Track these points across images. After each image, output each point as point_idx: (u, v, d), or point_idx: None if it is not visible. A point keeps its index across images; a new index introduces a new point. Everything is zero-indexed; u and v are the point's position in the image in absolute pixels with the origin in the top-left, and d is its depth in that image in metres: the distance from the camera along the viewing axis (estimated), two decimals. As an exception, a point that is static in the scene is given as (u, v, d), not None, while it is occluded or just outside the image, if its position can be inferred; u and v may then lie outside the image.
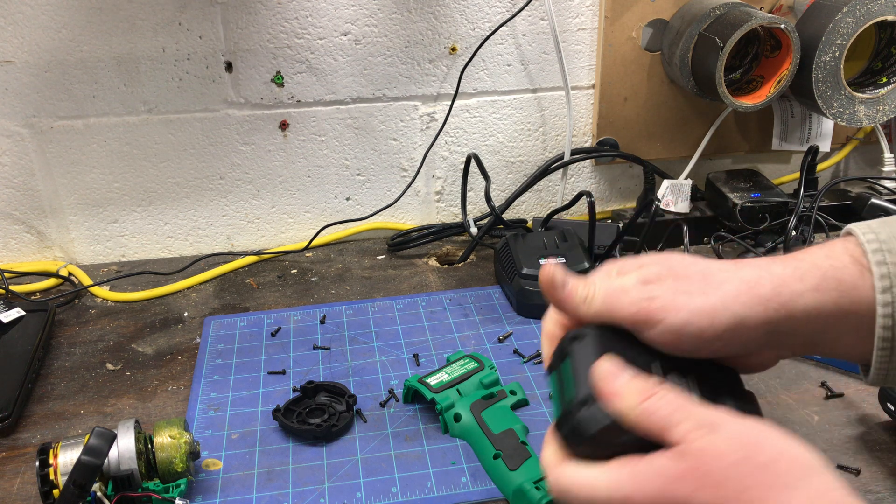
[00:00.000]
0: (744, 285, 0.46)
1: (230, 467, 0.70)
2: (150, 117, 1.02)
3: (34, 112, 0.99)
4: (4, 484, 0.70)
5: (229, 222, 1.11)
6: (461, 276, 1.03)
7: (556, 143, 1.14)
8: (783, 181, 1.20)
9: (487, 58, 1.06)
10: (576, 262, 0.93)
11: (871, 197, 1.07)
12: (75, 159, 1.03)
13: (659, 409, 0.42)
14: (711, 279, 0.47)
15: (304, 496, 0.67)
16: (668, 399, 0.42)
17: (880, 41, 1.04)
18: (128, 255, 1.10)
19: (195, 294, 1.01)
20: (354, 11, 1.01)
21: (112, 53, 0.98)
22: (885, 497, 0.65)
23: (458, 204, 1.15)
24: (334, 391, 0.78)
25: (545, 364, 0.50)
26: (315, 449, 0.72)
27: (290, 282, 1.03)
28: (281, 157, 1.08)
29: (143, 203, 1.07)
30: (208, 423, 0.76)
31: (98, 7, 0.95)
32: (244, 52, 1.00)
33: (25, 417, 0.78)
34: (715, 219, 1.10)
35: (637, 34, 1.06)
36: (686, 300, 0.45)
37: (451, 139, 1.11)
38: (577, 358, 0.45)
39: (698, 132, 1.14)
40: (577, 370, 0.44)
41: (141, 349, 0.89)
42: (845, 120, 1.03)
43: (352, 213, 1.13)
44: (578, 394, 0.43)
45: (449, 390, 0.75)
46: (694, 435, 0.41)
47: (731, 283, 0.46)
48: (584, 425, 0.42)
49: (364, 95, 1.06)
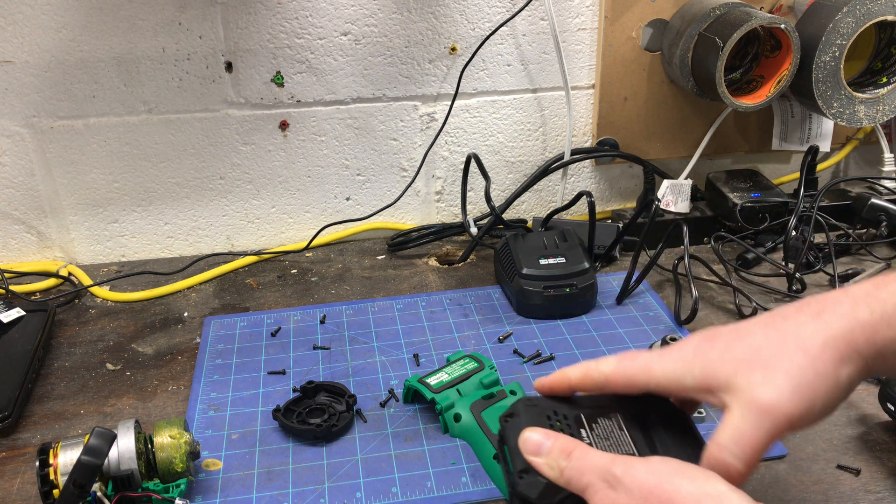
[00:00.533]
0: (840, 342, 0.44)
1: (230, 467, 0.70)
2: (150, 117, 1.02)
3: (34, 112, 0.99)
4: (4, 484, 0.70)
5: (229, 222, 1.11)
6: (461, 276, 1.03)
7: (556, 143, 1.14)
8: (783, 181, 1.20)
9: (487, 58, 1.06)
10: (576, 262, 0.93)
11: (871, 197, 1.07)
12: (75, 159, 1.03)
13: (574, 471, 0.46)
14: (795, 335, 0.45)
15: (304, 496, 0.67)
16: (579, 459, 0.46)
17: (880, 41, 1.04)
18: (128, 255, 1.10)
19: (195, 294, 1.01)
20: (354, 11, 1.01)
21: (112, 53, 0.98)
22: (885, 497, 0.65)
23: (458, 204, 1.15)
24: (334, 391, 0.77)
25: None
26: (315, 449, 0.72)
27: (290, 282, 1.03)
28: (281, 157, 1.08)
29: (143, 203, 1.07)
30: (208, 423, 0.76)
31: (98, 7, 0.95)
32: (244, 52, 1.00)
33: (25, 417, 0.78)
34: (715, 219, 1.10)
35: (637, 34, 1.06)
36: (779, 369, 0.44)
37: (451, 139, 1.11)
38: (510, 436, 0.51)
39: (698, 132, 1.14)
40: (512, 447, 0.51)
41: (141, 349, 0.89)
42: (845, 120, 1.03)
43: (352, 213, 1.13)
44: (516, 467, 0.49)
45: (449, 390, 0.75)
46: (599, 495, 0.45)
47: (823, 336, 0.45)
48: (526, 492, 0.48)
49: (364, 95, 1.06)
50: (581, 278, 0.92)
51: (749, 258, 1.01)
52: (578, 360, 0.83)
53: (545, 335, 0.88)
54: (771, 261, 1.00)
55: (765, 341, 0.46)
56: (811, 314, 0.46)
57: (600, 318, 0.91)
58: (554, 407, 0.53)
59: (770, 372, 0.44)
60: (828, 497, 0.65)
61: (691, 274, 0.92)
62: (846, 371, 0.44)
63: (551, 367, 0.83)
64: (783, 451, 0.70)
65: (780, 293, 0.95)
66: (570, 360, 0.84)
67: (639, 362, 0.51)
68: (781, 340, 0.45)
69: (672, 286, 0.97)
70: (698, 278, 0.98)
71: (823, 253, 1.01)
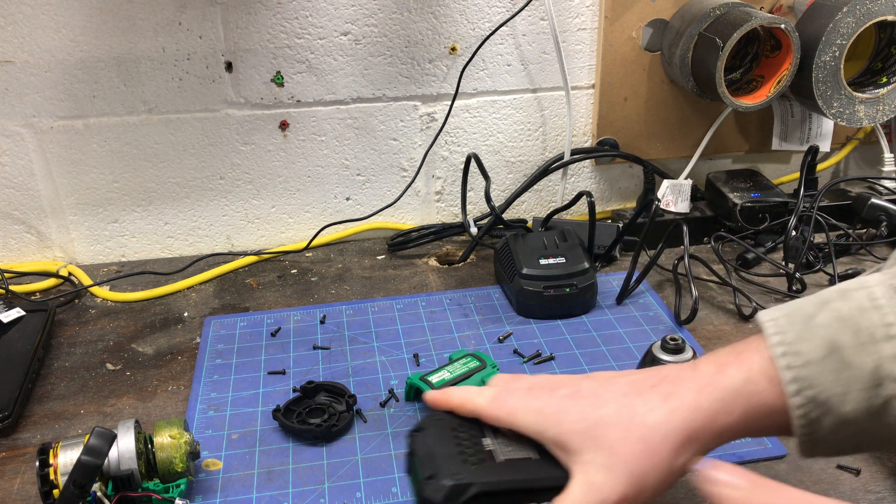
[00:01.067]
0: (680, 434, 0.50)
1: (230, 467, 0.70)
2: (150, 117, 1.02)
3: (34, 112, 0.99)
4: (4, 484, 0.70)
5: (229, 222, 1.11)
6: (461, 276, 1.03)
7: (556, 143, 1.14)
8: (783, 181, 1.20)
9: (487, 58, 1.06)
10: (576, 262, 0.93)
11: (871, 197, 1.07)
12: (75, 159, 1.03)
13: None
14: (641, 422, 0.50)
15: (304, 496, 0.67)
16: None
17: (880, 41, 1.04)
18: (128, 255, 1.10)
19: (195, 294, 1.01)
20: (354, 11, 1.01)
21: (112, 53, 0.98)
22: (885, 497, 0.65)
23: (458, 204, 1.15)
24: (334, 391, 0.77)
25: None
26: (315, 449, 0.72)
27: (290, 282, 1.03)
28: (281, 157, 1.08)
29: (143, 203, 1.07)
30: (208, 423, 0.76)
31: (98, 7, 0.95)
32: (244, 52, 1.00)
33: (25, 417, 0.78)
34: (715, 219, 1.10)
35: (637, 34, 1.06)
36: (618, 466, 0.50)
37: (451, 139, 1.11)
38: (418, 448, 0.55)
39: (698, 132, 1.14)
40: (420, 457, 0.54)
41: (141, 349, 0.89)
42: (845, 120, 1.03)
43: (352, 213, 1.13)
44: (424, 474, 0.53)
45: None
46: None
47: (665, 428, 0.50)
48: (431, 496, 0.51)
49: (364, 95, 1.06)
50: (581, 278, 0.92)
51: (749, 258, 1.01)
52: (579, 360, 0.83)
53: (545, 335, 0.88)
54: (771, 261, 1.00)
55: (616, 419, 0.51)
56: (661, 397, 0.51)
57: (600, 318, 0.91)
58: (459, 421, 0.57)
59: (612, 457, 0.50)
60: (828, 497, 0.65)
61: (691, 274, 0.92)
62: (681, 459, 0.50)
63: (551, 367, 0.83)
64: (783, 451, 0.70)
65: (780, 293, 0.95)
66: (570, 360, 0.84)
67: (508, 406, 0.55)
68: (629, 422, 0.51)
69: (672, 286, 0.97)
70: (698, 278, 0.98)
71: (823, 253, 1.01)
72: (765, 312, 0.52)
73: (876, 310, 0.48)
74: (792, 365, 0.48)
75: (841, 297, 0.49)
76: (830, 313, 0.49)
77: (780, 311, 0.51)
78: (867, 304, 0.48)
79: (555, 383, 0.56)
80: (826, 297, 0.50)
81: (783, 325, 0.50)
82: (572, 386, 0.55)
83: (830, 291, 0.51)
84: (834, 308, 0.49)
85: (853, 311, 0.48)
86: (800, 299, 0.52)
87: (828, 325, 0.48)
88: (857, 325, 0.48)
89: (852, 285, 0.50)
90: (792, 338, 0.49)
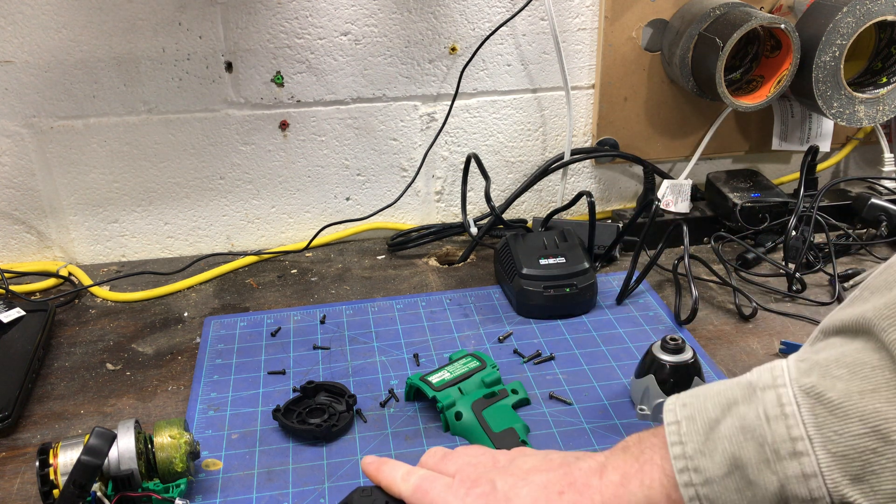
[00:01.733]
0: None
1: (230, 467, 0.70)
2: (150, 117, 1.02)
3: (34, 112, 0.99)
4: (4, 484, 0.70)
5: (229, 222, 1.11)
6: (461, 276, 1.03)
7: (556, 143, 1.14)
8: (783, 181, 1.20)
9: (487, 58, 1.06)
10: (576, 262, 0.93)
11: (871, 197, 1.07)
12: (75, 159, 1.03)
13: None
14: None
15: (304, 496, 0.67)
16: None
17: (880, 41, 1.04)
18: (128, 255, 1.10)
19: (195, 294, 1.01)
20: (354, 11, 1.01)
21: (112, 53, 0.98)
22: (885, 497, 0.65)
23: (458, 204, 1.15)
24: (334, 391, 0.77)
25: None
26: (315, 449, 0.72)
27: (290, 282, 1.03)
28: (281, 157, 1.08)
29: (143, 203, 1.07)
30: (208, 423, 0.76)
31: (98, 7, 0.95)
32: (244, 52, 1.00)
33: (25, 417, 0.78)
34: (715, 219, 1.10)
35: (637, 34, 1.06)
36: None
37: (451, 139, 1.11)
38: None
39: (698, 132, 1.14)
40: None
41: (141, 349, 0.89)
42: (845, 120, 1.03)
43: (352, 213, 1.13)
44: None
45: (450, 388, 0.75)
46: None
47: None
48: None
49: (364, 95, 1.06)
50: (581, 278, 0.92)
51: (749, 258, 1.01)
52: (578, 360, 0.83)
53: (545, 335, 0.88)
54: (771, 261, 1.00)
55: None
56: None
57: (600, 318, 0.91)
58: (388, 497, 0.59)
59: None
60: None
61: (691, 274, 0.92)
62: None
63: (551, 368, 0.83)
64: None
65: (780, 293, 0.95)
66: (570, 360, 0.84)
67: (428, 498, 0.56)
68: None
69: (672, 286, 0.97)
70: (698, 278, 0.98)
71: (823, 253, 1.01)
72: (668, 405, 0.49)
73: (782, 419, 0.44)
74: (691, 482, 0.46)
75: (747, 398, 0.46)
76: (734, 421, 0.46)
77: (682, 410, 0.48)
78: (774, 410, 0.45)
79: (476, 475, 0.56)
80: (732, 398, 0.47)
81: (684, 432, 0.47)
82: (488, 483, 0.55)
83: (738, 386, 0.47)
84: (739, 414, 0.46)
85: (758, 420, 0.45)
86: (705, 390, 0.49)
87: (731, 437, 0.45)
88: (762, 437, 0.44)
89: (762, 379, 0.46)
90: (692, 450, 0.47)
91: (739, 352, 0.85)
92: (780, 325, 0.89)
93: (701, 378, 0.73)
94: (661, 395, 0.72)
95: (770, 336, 0.87)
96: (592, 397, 0.78)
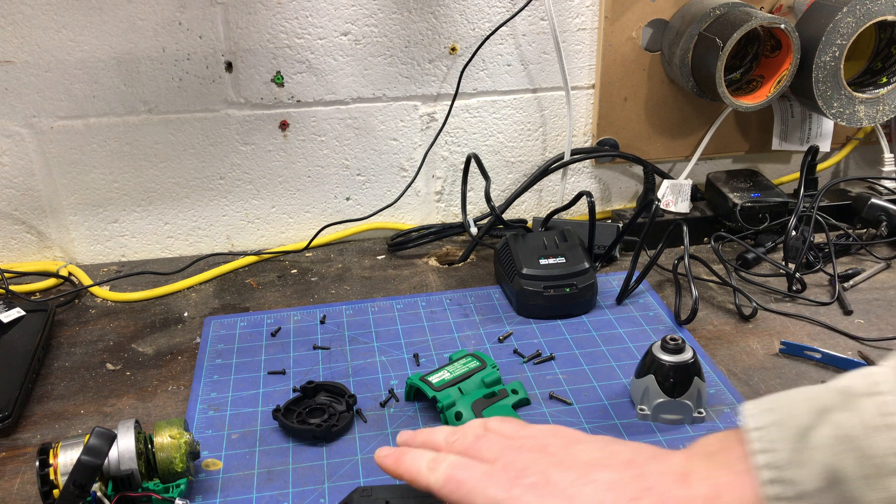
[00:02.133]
0: None
1: (230, 467, 0.70)
2: (150, 117, 1.02)
3: (34, 112, 0.99)
4: (4, 484, 0.70)
5: (229, 222, 1.11)
6: (461, 276, 1.03)
7: (556, 143, 1.14)
8: (783, 181, 1.20)
9: (487, 58, 1.06)
10: (576, 262, 0.93)
11: (871, 197, 1.07)
12: (75, 159, 1.03)
13: None
14: None
15: (304, 496, 0.67)
16: None
17: (880, 41, 1.04)
18: (128, 255, 1.10)
19: (195, 294, 1.01)
20: (354, 11, 1.01)
21: (112, 53, 0.98)
22: (885, 497, 0.65)
23: (458, 204, 1.15)
24: (334, 391, 0.77)
25: None
26: (315, 449, 0.72)
27: (290, 282, 1.03)
28: (281, 157, 1.08)
29: (143, 203, 1.07)
30: (208, 423, 0.76)
31: (98, 7, 0.95)
32: (244, 52, 1.00)
33: (25, 417, 0.78)
34: (715, 219, 1.10)
35: (637, 34, 1.06)
36: None
37: (451, 139, 1.11)
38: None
39: (698, 132, 1.14)
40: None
41: (141, 349, 0.89)
42: (845, 120, 1.03)
43: (352, 213, 1.13)
44: None
45: (450, 388, 0.75)
46: None
47: None
48: None
49: (364, 95, 1.06)
50: (581, 278, 0.92)
51: (749, 258, 1.01)
52: (578, 360, 0.83)
53: (545, 335, 0.88)
54: (771, 261, 1.00)
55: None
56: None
57: (600, 318, 0.91)
58: (388, 496, 0.57)
59: None
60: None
61: (691, 274, 0.92)
62: None
63: (551, 368, 0.83)
64: None
65: (780, 293, 0.95)
66: (570, 360, 0.84)
67: (463, 489, 0.49)
68: None
69: (672, 286, 0.97)
70: (698, 278, 0.98)
71: (823, 253, 1.01)
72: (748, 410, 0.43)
73: (887, 430, 0.39)
74: (783, 496, 0.41)
75: (845, 404, 0.41)
76: (831, 429, 0.41)
77: (768, 414, 0.43)
78: (877, 420, 0.40)
79: (524, 464, 0.49)
80: (825, 404, 0.42)
81: (773, 438, 0.42)
82: (539, 474, 0.48)
83: (830, 391, 0.42)
84: (835, 422, 0.41)
85: (860, 429, 0.40)
86: (791, 395, 0.44)
87: (828, 448, 0.40)
88: (865, 450, 0.39)
89: (859, 385, 0.42)
90: (784, 460, 0.41)
91: (739, 352, 0.85)
92: (780, 325, 0.89)
93: (701, 378, 0.73)
94: (661, 396, 0.72)
95: (770, 336, 0.87)
96: (592, 397, 0.78)
